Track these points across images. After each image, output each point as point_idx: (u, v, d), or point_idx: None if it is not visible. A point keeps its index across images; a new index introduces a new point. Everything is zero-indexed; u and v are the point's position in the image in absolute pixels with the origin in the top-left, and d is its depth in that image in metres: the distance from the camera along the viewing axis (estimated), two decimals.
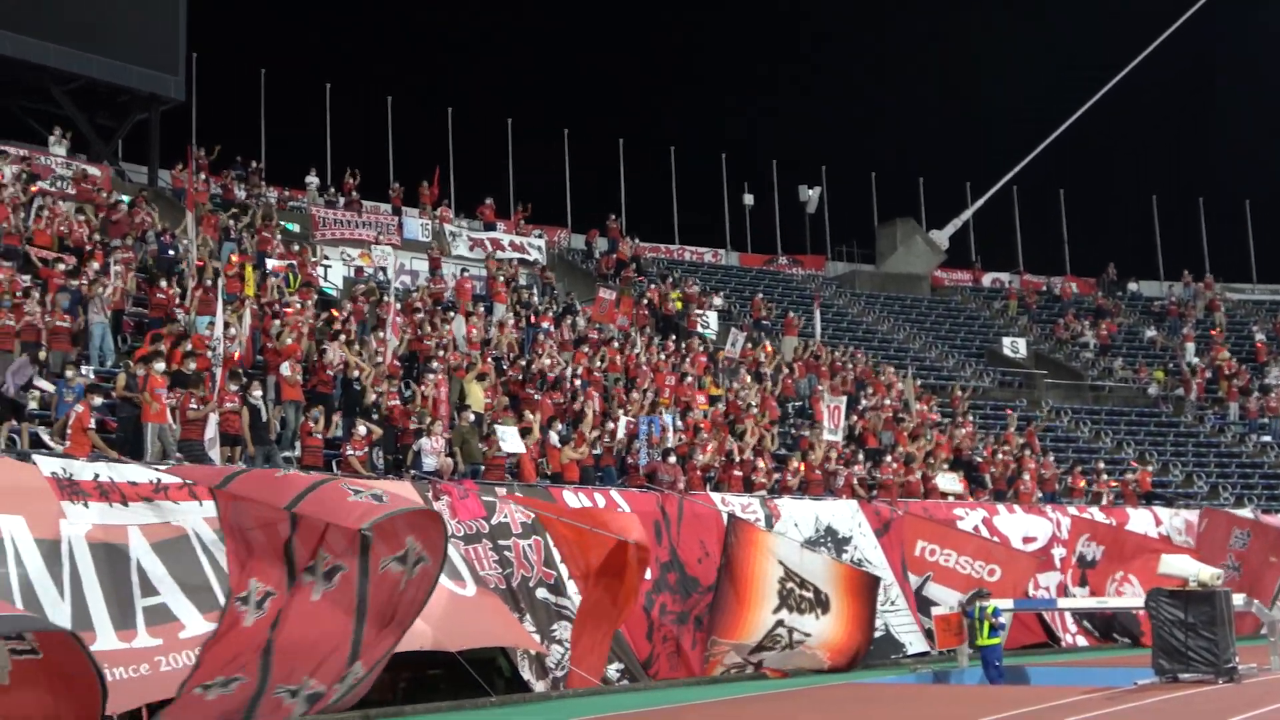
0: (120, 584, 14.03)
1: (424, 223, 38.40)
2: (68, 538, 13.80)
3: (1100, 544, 28.65)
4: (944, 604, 23.56)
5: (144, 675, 13.11)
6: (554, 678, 18.10)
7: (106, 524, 14.42)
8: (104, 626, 13.61)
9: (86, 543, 13.96)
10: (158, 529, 14.62)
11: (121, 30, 36.19)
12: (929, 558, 25.21)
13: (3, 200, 25.87)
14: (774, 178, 54.84)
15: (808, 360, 36.21)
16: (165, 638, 13.84)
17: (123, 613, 13.70)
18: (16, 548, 13.21)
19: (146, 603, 14.11)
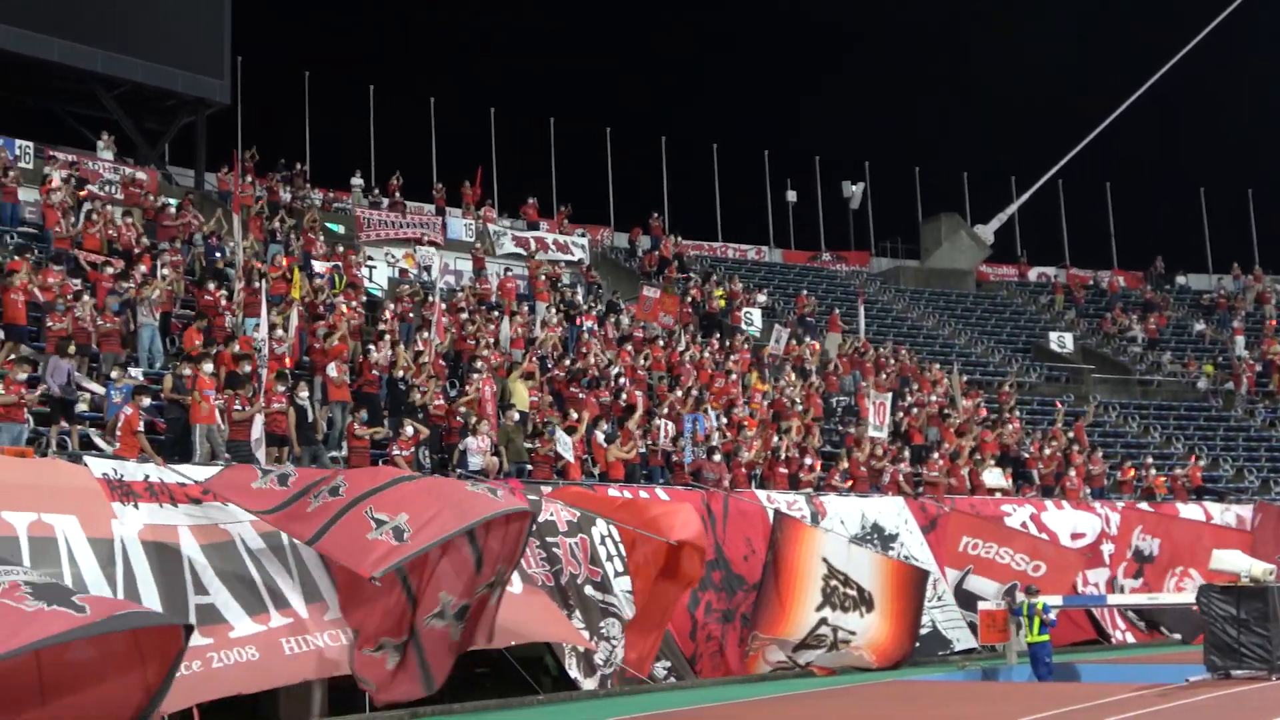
0: (173, 582, 14.13)
1: (467, 223, 38.55)
2: (120, 537, 13.92)
3: (1156, 537, 28.41)
4: (984, 595, 23.39)
5: (195, 673, 13.19)
6: (602, 675, 18.11)
7: (157, 524, 14.54)
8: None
9: (139, 541, 14.08)
10: (207, 530, 14.74)
11: (167, 35, 36.53)
12: (971, 551, 25.05)
13: (52, 205, 26.18)
14: (817, 174, 54.69)
15: (852, 357, 36.08)
16: (216, 637, 13.94)
17: (175, 610, 13.80)
18: (70, 547, 13.34)
19: (198, 600, 14.21)
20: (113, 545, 13.78)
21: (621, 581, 19.42)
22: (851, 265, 52.26)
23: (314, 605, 14.96)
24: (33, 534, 12.98)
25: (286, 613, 14.70)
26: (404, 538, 13.86)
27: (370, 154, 44.74)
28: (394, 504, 14.31)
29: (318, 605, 14.98)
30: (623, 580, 19.45)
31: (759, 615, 21.28)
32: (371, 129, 45.53)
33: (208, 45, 37.80)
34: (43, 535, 13.12)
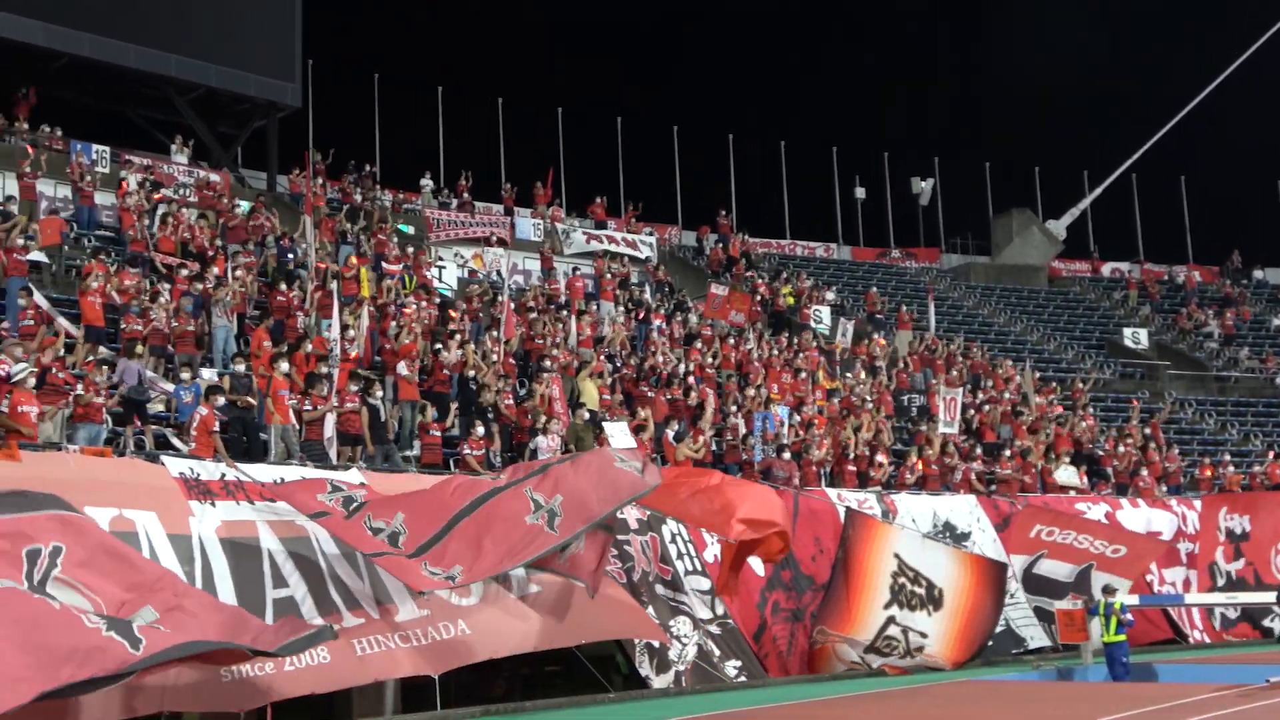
0: (251, 576, 14.27)
1: (536, 222, 38.72)
2: (198, 534, 14.08)
3: (1244, 514, 27.95)
4: (1056, 576, 23.10)
5: (269, 674, 13.33)
6: (676, 672, 18.09)
7: (235, 519, 14.71)
8: None
9: (216, 538, 14.24)
10: (284, 525, 14.87)
11: (240, 39, 36.98)
12: (1045, 538, 24.66)
13: (128, 208, 26.59)
14: (886, 170, 54.34)
15: (922, 354, 35.82)
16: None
17: (253, 604, 13.93)
18: (151, 541, 13.52)
19: (276, 594, 14.34)
20: (191, 542, 13.94)
21: (693, 580, 19.40)
22: (921, 262, 51.91)
23: (384, 608, 15.06)
24: (115, 529, 13.17)
25: (358, 613, 14.82)
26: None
27: (439, 155, 45.03)
28: (451, 558, 14.59)
29: (388, 608, 15.08)
30: (694, 579, 19.42)
31: (826, 612, 21.16)
32: (440, 130, 45.82)
33: (279, 49, 38.21)
34: (124, 530, 13.31)
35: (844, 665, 20.92)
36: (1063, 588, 23.71)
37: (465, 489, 15.45)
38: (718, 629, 19.34)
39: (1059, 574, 23.43)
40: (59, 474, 13.51)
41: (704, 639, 18.95)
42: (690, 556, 19.92)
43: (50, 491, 12.32)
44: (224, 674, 12.90)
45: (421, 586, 14.48)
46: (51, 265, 25.13)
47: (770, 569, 21.08)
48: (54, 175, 29.69)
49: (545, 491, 15.23)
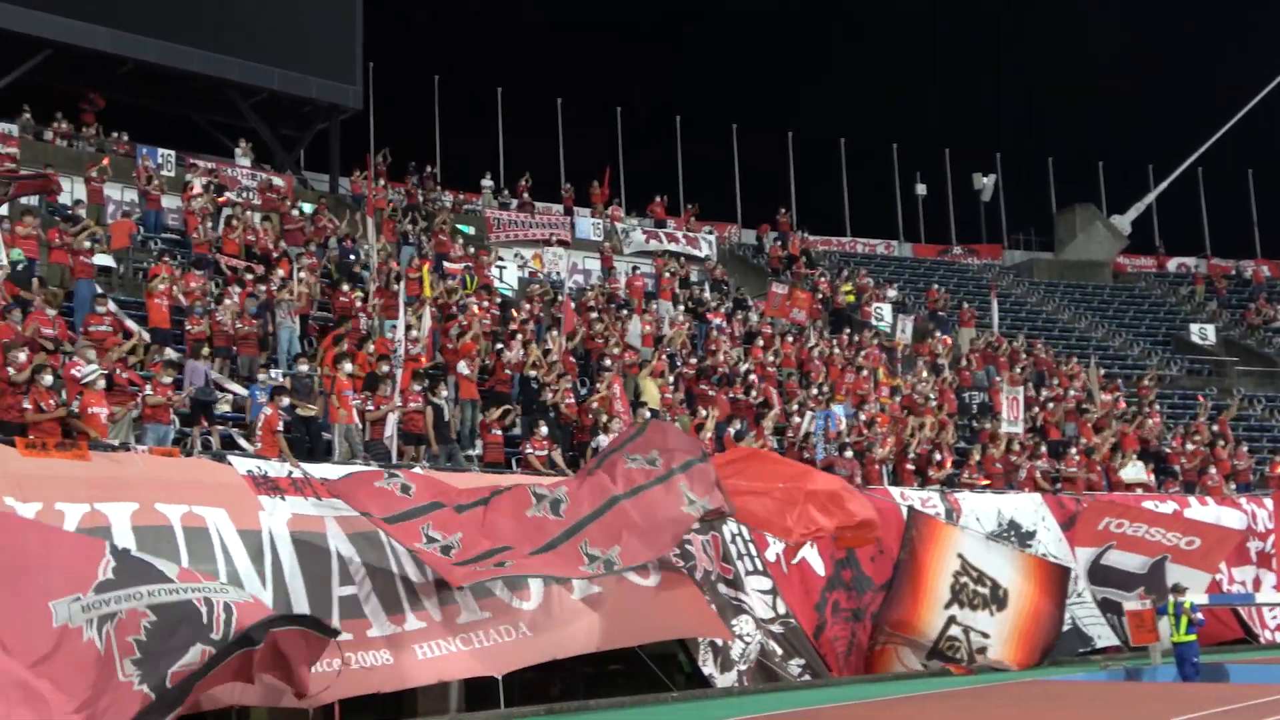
0: (319, 572, 14.37)
1: (595, 222, 38.79)
2: (268, 528, 14.22)
3: None
4: (1127, 568, 22.79)
5: (334, 671, 13.44)
6: (738, 671, 18.04)
7: (303, 514, 14.83)
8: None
9: (287, 532, 14.37)
10: (352, 521, 14.98)
11: (302, 43, 37.32)
12: (1114, 530, 24.30)
13: (193, 211, 26.88)
14: (947, 166, 53.97)
15: (985, 352, 35.52)
16: (355, 633, 14.14)
17: (320, 601, 14.03)
18: (222, 537, 13.67)
19: (342, 592, 14.44)
20: (261, 537, 14.07)
21: (754, 580, 19.34)
22: (983, 258, 51.50)
23: (447, 609, 15.13)
24: (186, 524, 13.33)
25: (421, 615, 14.89)
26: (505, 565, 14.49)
27: (499, 155, 45.23)
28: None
29: (450, 609, 15.14)
30: (755, 579, 19.36)
31: (889, 613, 21.01)
32: (500, 131, 46.03)
33: (340, 52, 38.54)
34: (195, 526, 13.46)
35: (903, 668, 20.78)
36: (1134, 580, 23.34)
37: (535, 526, 15.46)
38: (780, 628, 19.27)
39: (1130, 565, 23.07)
40: (128, 473, 13.69)
41: (766, 638, 18.88)
42: (751, 556, 19.85)
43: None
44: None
45: (460, 581, 14.47)
46: (119, 268, 25.46)
47: (831, 568, 20.99)
48: (121, 179, 30.10)
49: (602, 544, 15.23)
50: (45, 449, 13.48)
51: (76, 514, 12.74)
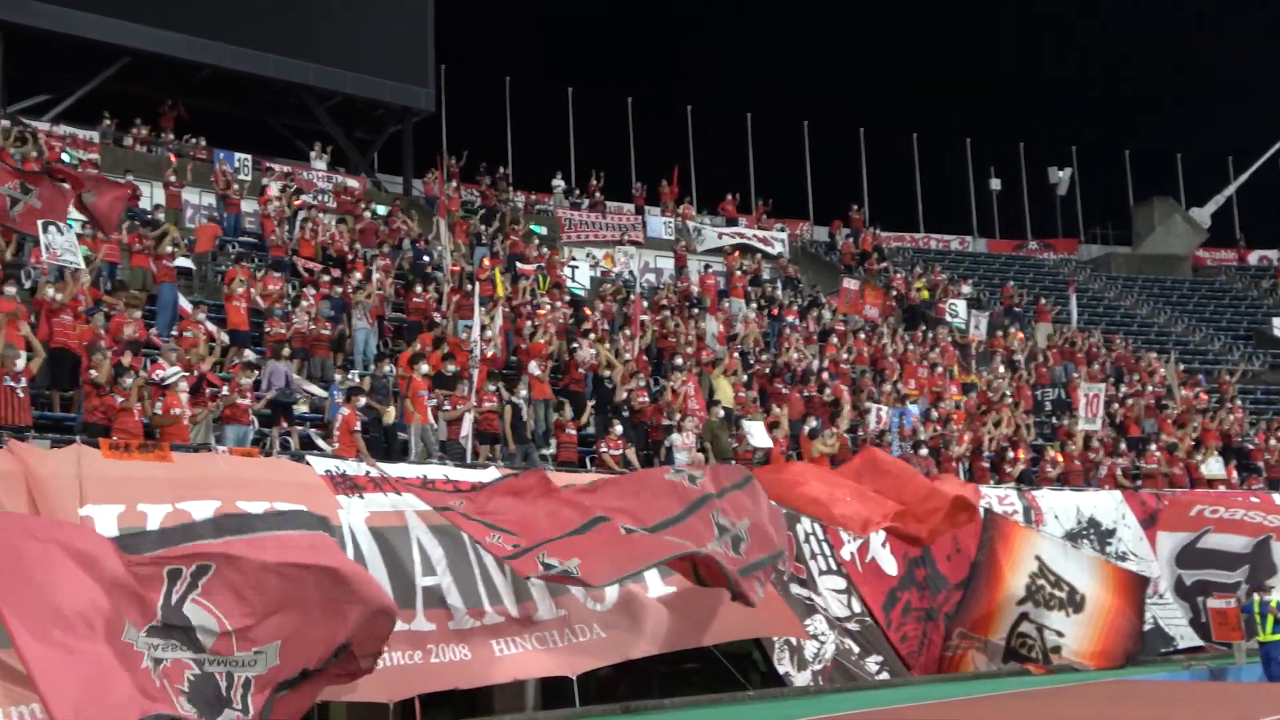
0: (401, 564, 14.42)
1: (666, 221, 38.80)
2: (348, 524, 14.33)
3: None
4: (1230, 549, 22.37)
5: (417, 664, 13.52)
6: (813, 671, 17.96)
7: (383, 510, 14.95)
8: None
9: (366, 527, 14.50)
10: (431, 515, 15.06)
11: (375, 47, 37.71)
12: (1209, 515, 23.82)
13: (270, 214, 27.22)
14: (1021, 160, 53.42)
15: (1063, 347, 35.12)
16: (438, 624, 14.19)
17: (404, 592, 14.10)
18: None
19: (425, 582, 14.47)
20: (342, 532, 14.18)
21: (828, 580, 19.23)
22: (1059, 253, 50.96)
23: (524, 605, 15.16)
24: None
25: (499, 609, 14.93)
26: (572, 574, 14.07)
27: (570, 155, 45.37)
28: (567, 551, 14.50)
29: (527, 605, 15.18)
30: (829, 579, 19.25)
31: (964, 614, 20.78)
32: (571, 131, 46.17)
33: (413, 55, 38.90)
34: None
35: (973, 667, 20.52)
36: (1237, 560, 22.86)
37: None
38: (856, 626, 19.15)
39: (1234, 546, 22.57)
40: (210, 473, 13.87)
41: (841, 637, 18.77)
42: (825, 555, 19.75)
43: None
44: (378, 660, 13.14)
45: (529, 572, 14.24)
46: (199, 271, 25.84)
47: (904, 567, 20.81)
48: (199, 184, 30.56)
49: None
50: (128, 450, 13.68)
51: (159, 514, 12.89)
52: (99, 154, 30.70)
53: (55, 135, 29.95)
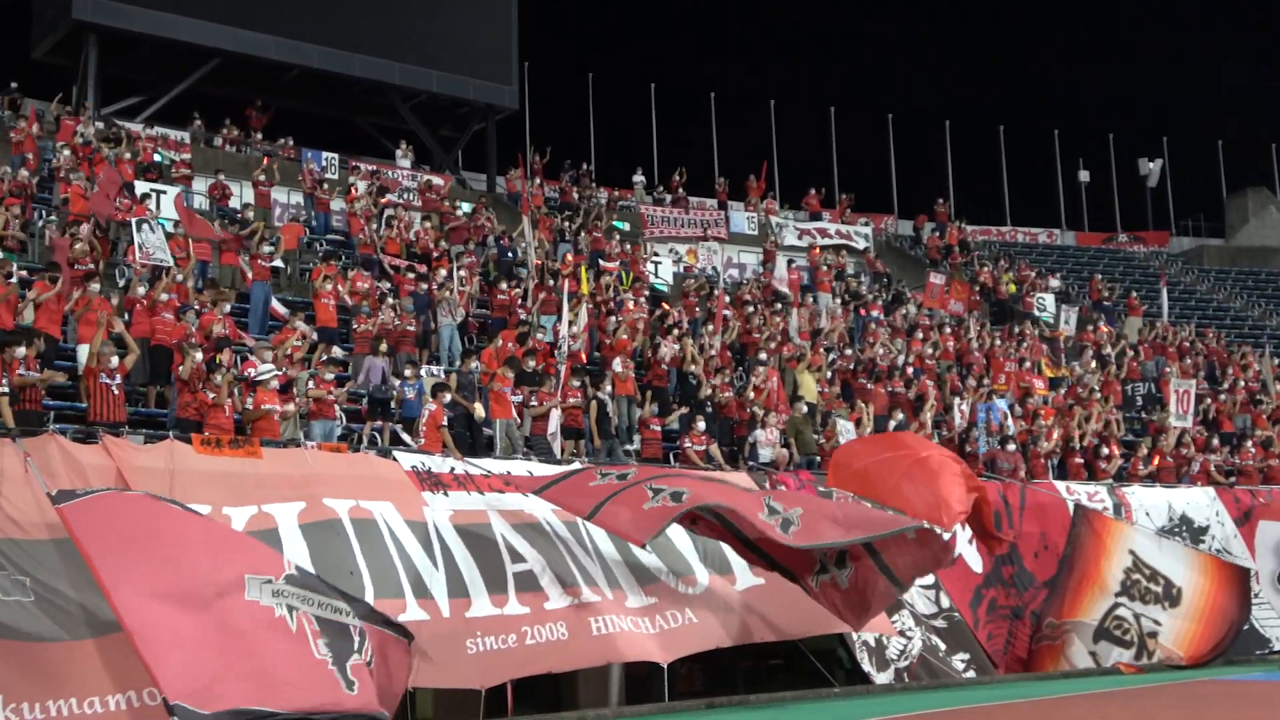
0: (489, 553, 14.49)
1: (749, 216, 38.72)
2: (432, 521, 14.46)
3: None
4: None
5: (511, 648, 13.58)
6: (896, 669, 17.84)
7: (467, 509, 15.06)
8: (478, 592, 14.00)
9: (451, 524, 14.64)
10: (515, 514, 15.15)
11: (459, 45, 38.00)
12: None
13: (356, 213, 27.53)
14: (1111, 152, 52.65)
15: (1154, 342, 34.55)
16: (533, 606, 14.24)
17: (495, 578, 14.17)
18: (390, 528, 13.95)
19: (516, 569, 14.51)
20: (427, 528, 14.32)
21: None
22: (1150, 246, 50.11)
23: (617, 591, 15.20)
24: (354, 517, 13.66)
25: (595, 590, 14.98)
26: (680, 499, 13.55)
27: (653, 151, 45.43)
28: (677, 481, 14.29)
29: (619, 592, 15.22)
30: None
31: (1052, 607, 20.49)
32: (653, 127, 46.23)
33: (496, 53, 39.14)
34: (362, 518, 13.77)
35: (1066, 661, 20.22)
36: None
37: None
38: (943, 623, 18.98)
39: None
40: (296, 471, 14.05)
41: (928, 634, 18.62)
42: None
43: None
44: (470, 645, 13.26)
45: (642, 532, 13.53)
46: (286, 269, 26.20)
47: (990, 564, 20.55)
48: (287, 183, 30.99)
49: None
50: (219, 446, 13.91)
51: (244, 516, 13.08)
52: (190, 154, 31.24)
53: (148, 136, 30.48)
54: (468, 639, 13.29)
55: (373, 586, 13.15)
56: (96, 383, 15.73)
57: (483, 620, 13.66)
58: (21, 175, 24.55)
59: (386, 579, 13.39)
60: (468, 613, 13.60)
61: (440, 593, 13.64)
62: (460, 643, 13.23)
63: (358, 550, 13.40)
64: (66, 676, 10.39)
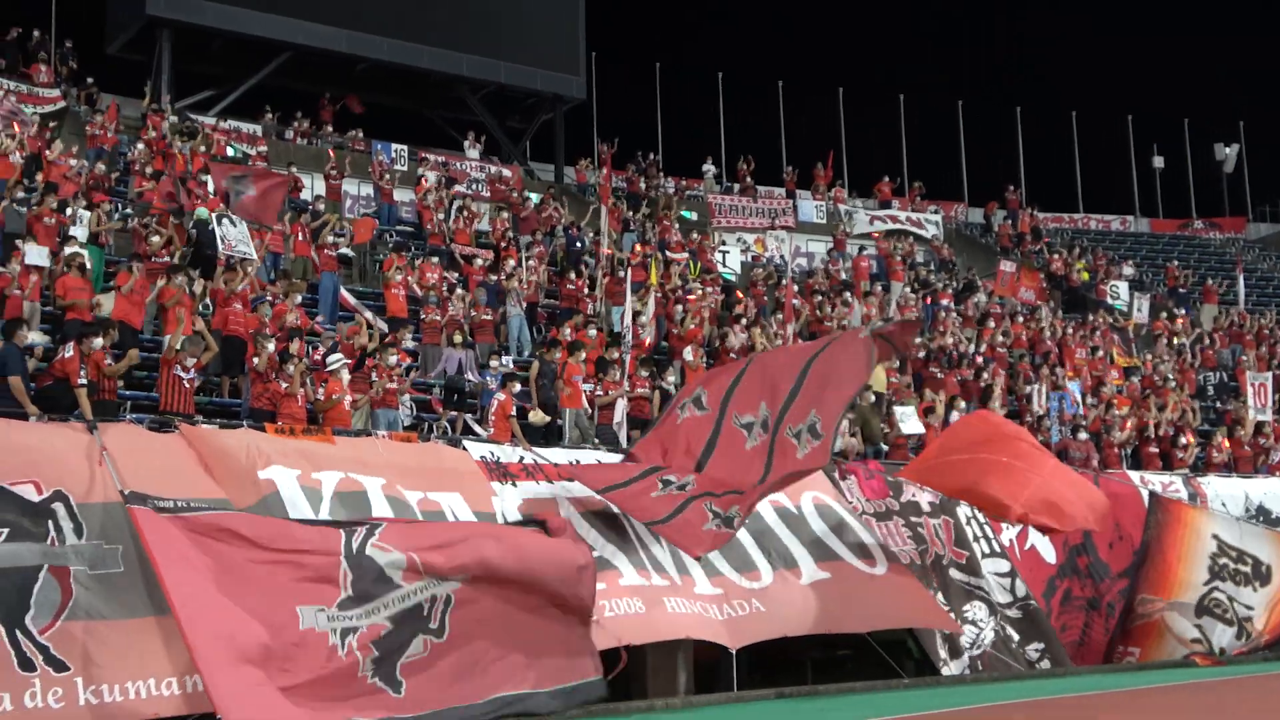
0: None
1: (818, 204, 38.53)
2: (501, 511, 14.56)
3: None
4: None
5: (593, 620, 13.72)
6: (969, 658, 17.70)
7: (536, 498, 15.15)
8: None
9: (520, 515, 14.72)
10: (585, 501, 15.21)
11: (527, 36, 38.12)
12: None
13: (426, 204, 27.71)
14: (1186, 137, 51.81)
15: (1230, 330, 34.00)
16: (608, 583, 14.24)
17: None
18: (457, 518, 14.07)
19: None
20: (495, 518, 14.42)
21: (990, 563, 18.91)
22: (1226, 232, 49.31)
23: (686, 578, 15.24)
24: (422, 509, 13.77)
25: (664, 575, 15.05)
26: (733, 525, 14.35)
27: (720, 141, 45.32)
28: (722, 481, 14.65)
29: (688, 579, 15.25)
30: (992, 562, 18.93)
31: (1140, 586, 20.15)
32: (721, 116, 46.12)
33: (564, 44, 39.22)
34: (431, 510, 13.88)
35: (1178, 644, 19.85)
36: None
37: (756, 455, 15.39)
38: (1018, 611, 18.78)
39: None
40: (368, 457, 14.18)
41: (1002, 624, 18.44)
42: (988, 538, 19.41)
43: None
44: None
45: (700, 548, 14.50)
46: (358, 259, 26.43)
47: (1064, 555, 20.32)
48: (357, 175, 31.25)
49: (800, 416, 14.84)
50: (293, 434, 14.08)
51: (333, 480, 13.19)
52: (265, 146, 31.60)
53: (220, 129, 30.85)
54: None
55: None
56: (170, 374, 15.95)
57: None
58: (98, 169, 24.94)
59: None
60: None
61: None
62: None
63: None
64: (148, 655, 10.54)
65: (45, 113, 29.55)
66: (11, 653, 10.04)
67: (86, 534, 10.87)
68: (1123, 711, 14.72)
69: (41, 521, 10.73)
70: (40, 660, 10.15)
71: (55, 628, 10.36)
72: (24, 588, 10.36)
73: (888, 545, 17.47)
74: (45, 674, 10.13)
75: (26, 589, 10.36)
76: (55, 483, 11.02)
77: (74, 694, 10.20)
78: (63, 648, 10.31)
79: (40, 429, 11.98)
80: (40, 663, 10.14)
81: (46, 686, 10.09)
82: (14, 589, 10.28)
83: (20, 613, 10.23)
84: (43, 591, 10.40)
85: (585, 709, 13.02)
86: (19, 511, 10.65)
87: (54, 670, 10.18)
